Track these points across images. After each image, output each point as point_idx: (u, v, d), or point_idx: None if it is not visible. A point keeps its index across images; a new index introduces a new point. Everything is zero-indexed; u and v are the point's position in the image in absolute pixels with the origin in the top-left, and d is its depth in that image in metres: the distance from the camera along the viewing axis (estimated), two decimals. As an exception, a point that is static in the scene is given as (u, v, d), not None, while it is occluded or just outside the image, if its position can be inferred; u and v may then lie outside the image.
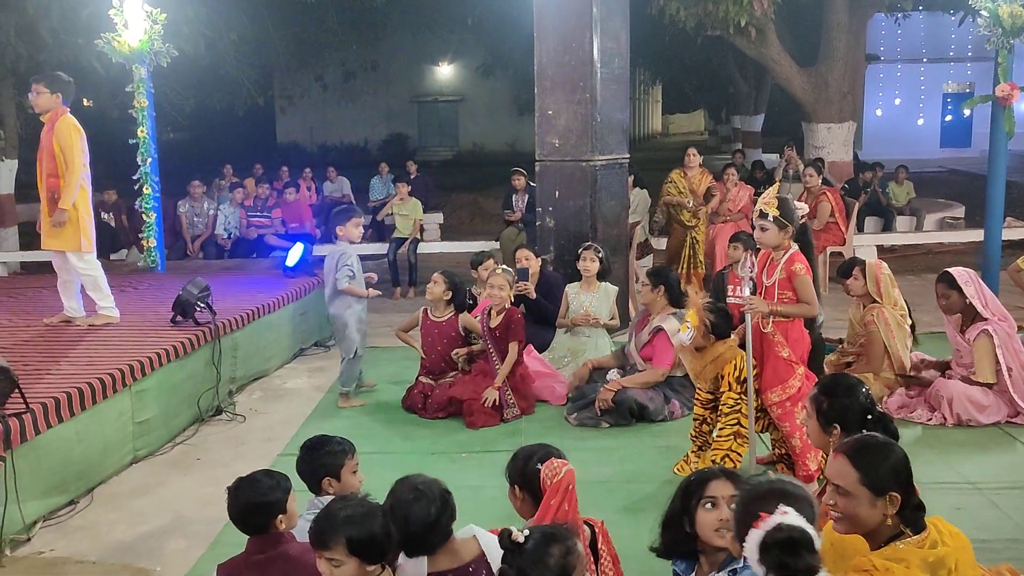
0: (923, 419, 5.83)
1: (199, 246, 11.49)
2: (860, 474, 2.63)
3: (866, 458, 2.66)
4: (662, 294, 6.00)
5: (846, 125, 13.78)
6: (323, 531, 2.72)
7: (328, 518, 2.74)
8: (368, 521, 2.72)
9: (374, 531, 2.71)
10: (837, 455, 2.74)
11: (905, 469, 2.67)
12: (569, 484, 3.01)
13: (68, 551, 4.30)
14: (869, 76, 20.40)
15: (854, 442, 2.78)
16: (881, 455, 2.68)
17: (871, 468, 2.64)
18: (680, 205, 9.64)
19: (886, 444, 2.75)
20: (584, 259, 6.85)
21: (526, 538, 2.51)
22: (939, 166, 25.67)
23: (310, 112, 32.17)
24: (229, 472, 4.77)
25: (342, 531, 2.68)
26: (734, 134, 27.62)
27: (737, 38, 12.97)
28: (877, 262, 6.32)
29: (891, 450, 2.71)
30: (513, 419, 6.07)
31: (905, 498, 2.62)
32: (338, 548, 2.68)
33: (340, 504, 2.80)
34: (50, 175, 6.28)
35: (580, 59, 7.61)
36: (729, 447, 4.77)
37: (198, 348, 6.11)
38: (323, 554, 2.72)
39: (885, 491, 2.62)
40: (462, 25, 21.15)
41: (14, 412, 4.36)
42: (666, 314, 5.97)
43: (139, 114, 8.70)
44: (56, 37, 11.60)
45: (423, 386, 6.37)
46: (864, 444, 2.75)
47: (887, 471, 2.64)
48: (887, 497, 2.61)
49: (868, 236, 11.66)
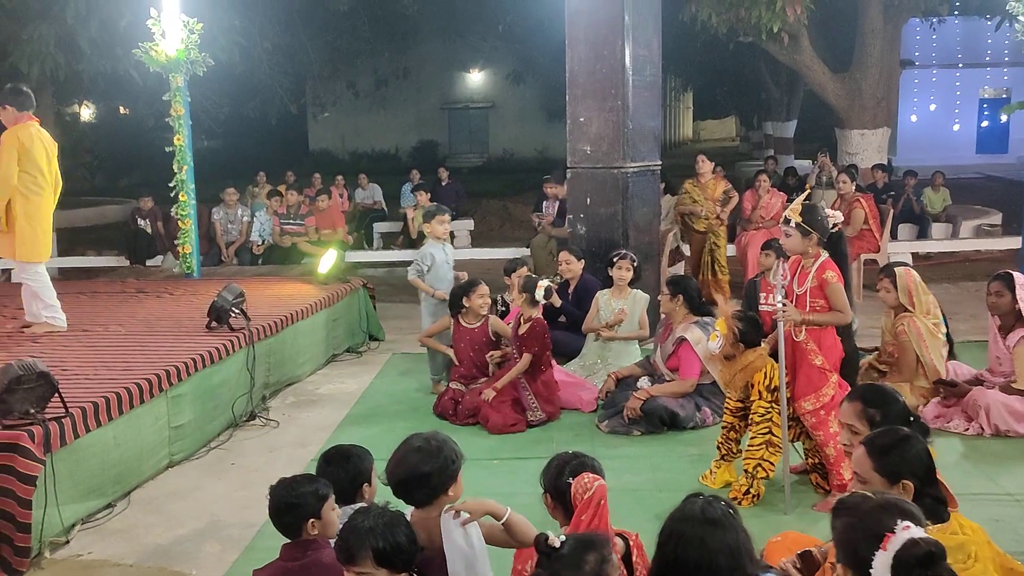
0: (960, 429, 5.75)
1: (233, 252, 11.60)
2: (873, 462, 2.76)
3: (880, 447, 2.79)
4: (681, 303, 5.97)
5: (880, 131, 13.66)
6: (348, 545, 2.72)
7: (352, 532, 2.74)
8: (392, 530, 2.73)
9: (399, 540, 2.72)
10: (858, 446, 2.87)
11: (920, 460, 2.76)
12: (600, 500, 3.00)
13: (106, 554, 4.36)
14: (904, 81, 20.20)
15: (874, 433, 2.93)
16: (895, 444, 2.80)
17: (885, 457, 2.76)
18: (693, 214, 9.68)
19: (903, 435, 2.85)
20: (619, 267, 6.85)
21: (562, 543, 2.51)
22: (975, 172, 25.32)
23: (342, 119, 32.43)
24: (263, 477, 4.83)
25: (368, 542, 2.68)
26: (766, 140, 27.44)
27: (770, 44, 12.92)
28: (906, 270, 6.23)
29: (907, 440, 2.81)
30: (538, 423, 6.08)
31: (922, 488, 2.69)
32: (366, 561, 2.68)
33: (362, 516, 2.79)
34: None
35: (612, 67, 7.61)
36: (761, 456, 4.74)
37: (233, 354, 6.17)
38: (351, 568, 2.72)
39: (898, 479, 2.72)
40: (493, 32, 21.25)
41: (54, 416, 4.43)
42: (688, 323, 5.93)
43: (176, 122, 8.81)
44: (95, 47, 11.80)
45: (454, 392, 6.40)
46: (881, 434, 2.90)
47: (900, 459, 2.75)
48: (900, 485, 2.71)
49: (903, 243, 11.54)
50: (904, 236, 12.53)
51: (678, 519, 2.56)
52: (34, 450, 4.20)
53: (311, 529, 3.10)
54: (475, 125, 35.26)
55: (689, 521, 2.52)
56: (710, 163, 10.03)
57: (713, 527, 2.50)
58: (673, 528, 2.55)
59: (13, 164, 6.21)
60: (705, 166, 9.89)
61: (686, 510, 2.57)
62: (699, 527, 2.50)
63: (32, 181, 6.31)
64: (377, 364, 7.82)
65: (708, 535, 2.48)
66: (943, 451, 4.41)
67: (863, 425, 3.39)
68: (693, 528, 2.50)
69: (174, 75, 8.72)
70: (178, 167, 8.87)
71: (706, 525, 2.50)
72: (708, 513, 2.53)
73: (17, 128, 6.28)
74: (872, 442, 2.87)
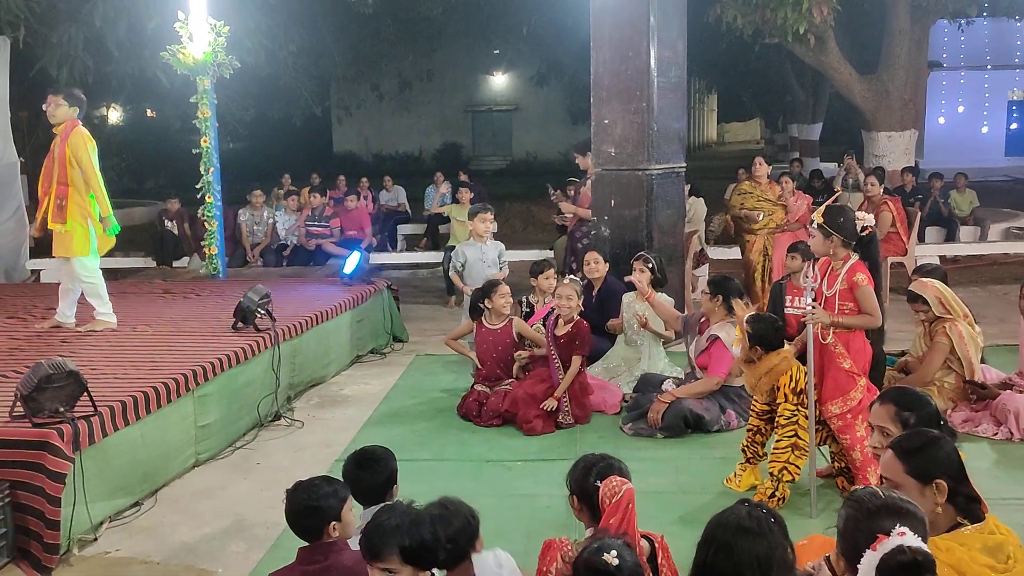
0: (988, 433, 5.68)
1: (259, 254, 11.68)
2: (904, 464, 2.74)
3: (909, 449, 2.77)
4: (720, 304, 5.94)
5: (907, 133, 13.55)
6: (374, 542, 2.73)
7: (378, 528, 2.75)
8: (417, 528, 2.74)
9: (424, 537, 2.73)
10: (887, 450, 2.85)
11: (950, 459, 2.74)
12: (628, 503, 2.99)
13: (133, 552, 4.40)
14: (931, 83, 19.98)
15: (901, 437, 2.91)
16: (924, 445, 2.78)
17: (914, 458, 2.73)
18: (748, 218, 9.13)
19: (930, 435, 2.84)
20: (634, 270, 6.82)
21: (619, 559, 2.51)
22: (1004, 175, 25.04)
23: (366, 122, 32.57)
24: (288, 477, 4.84)
25: (394, 540, 2.69)
26: (791, 143, 27.29)
27: (795, 46, 12.85)
28: (930, 283, 6.12)
29: (935, 440, 2.80)
30: (567, 425, 6.06)
31: (954, 487, 2.68)
32: (391, 557, 2.69)
33: (387, 513, 2.80)
34: (60, 183, 6.42)
35: (637, 68, 7.59)
36: (787, 459, 4.70)
37: (258, 354, 6.21)
38: (376, 565, 2.72)
39: (930, 479, 2.69)
40: (517, 35, 21.23)
41: (83, 415, 4.48)
42: (725, 323, 5.91)
43: (202, 124, 8.88)
44: (122, 49, 11.94)
45: (478, 394, 6.39)
46: (909, 436, 2.89)
47: (929, 460, 2.73)
48: (934, 485, 2.68)
49: (931, 247, 11.43)
50: (931, 239, 12.41)
51: (715, 524, 2.53)
52: (63, 448, 4.25)
53: (332, 532, 3.09)
54: (499, 128, 35.31)
55: (723, 527, 2.50)
56: (767, 166, 9.61)
57: (744, 535, 2.46)
58: (710, 532, 2.53)
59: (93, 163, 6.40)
60: (762, 169, 9.48)
61: (725, 515, 2.54)
62: (730, 534, 2.47)
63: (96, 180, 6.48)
64: (401, 365, 7.84)
65: (737, 543, 2.45)
66: (972, 456, 4.36)
67: (896, 427, 3.36)
68: (724, 534, 2.47)
69: (201, 78, 8.79)
70: (204, 169, 8.94)
71: (738, 533, 2.47)
72: (744, 522, 2.49)
73: (79, 129, 6.46)
74: (900, 445, 2.83)
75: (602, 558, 2.50)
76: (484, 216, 7.06)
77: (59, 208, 6.43)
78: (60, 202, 6.43)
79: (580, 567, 2.56)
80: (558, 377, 6.15)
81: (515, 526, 4.42)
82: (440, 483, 5.12)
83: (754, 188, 9.30)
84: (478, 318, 6.59)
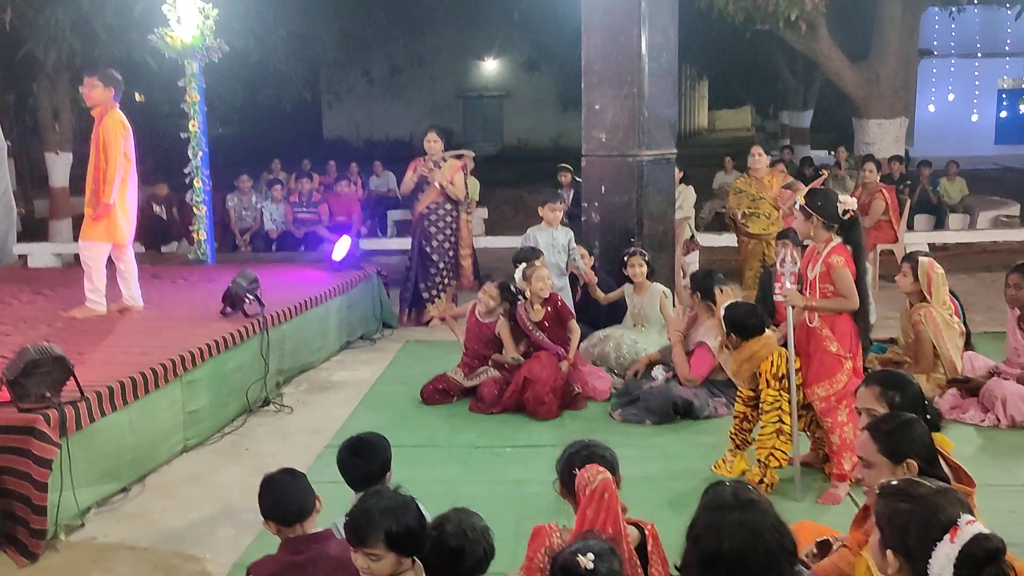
0: (976, 420, 5.72)
1: (248, 239, 11.63)
2: (877, 444, 2.87)
3: (884, 430, 2.90)
4: (700, 300, 5.98)
5: (898, 121, 13.55)
6: (360, 526, 2.71)
7: (364, 513, 2.73)
8: (404, 514, 2.72)
9: (410, 524, 2.71)
10: (862, 432, 2.99)
11: (923, 441, 2.89)
12: (604, 493, 2.95)
13: (121, 537, 4.39)
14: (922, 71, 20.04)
15: (876, 419, 3.05)
16: (899, 427, 2.91)
17: (888, 438, 2.87)
18: (735, 218, 8.60)
19: (905, 418, 2.97)
20: (632, 265, 6.83)
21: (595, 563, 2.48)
22: (994, 163, 25.10)
23: (356, 107, 32.41)
24: (277, 463, 4.79)
25: (381, 525, 2.67)
26: (782, 130, 27.24)
27: (787, 32, 12.82)
28: (930, 261, 6.20)
29: (908, 422, 2.93)
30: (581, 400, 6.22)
31: (925, 468, 2.81)
32: (377, 543, 2.68)
33: (375, 497, 2.78)
34: (96, 168, 6.41)
35: (628, 54, 7.56)
36: (772, 444, 4.72)
37: (247, 340, 6.18)
38: (361, 549, 2.70)
39: (902, 457, 2.83)
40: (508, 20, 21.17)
41: (70, 400, 4.45)
42: (711, 324, 5.88)
43: (190, 108, 8.81)
44: (110, 32, 11.82)
45: (448, 382, 6.41)
46: (883, 418, 3.04)
47: (902, 440, 2.86)
48: (905, 464, 2.82)
49: (920, 234, 11.46)
50: (921, 227, 12.45)
51: (713, 508, 2.45)
52: (50, 433, 4.22)
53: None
54: (489, 114, 35.16)
55: (725, 508, 2.42)
56: (766, 156, 8.80)
57: (753, 507, 2.41)
58: (710, 519, 2.43)
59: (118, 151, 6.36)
60: (761, 160, 8.66)
61: (718, 498, 2.47)
62: (739, 512, 2.39)
63: (128, 166, 6.48)
64: (390, 351, 7.83)
65: (750, 517, 2.38)
66: (959, 442, 4.37)
67: (882, 407, 3.39)
68: (733, 514, 2.39)
69: (189, 61, 8.71)
70: (193, 154, 8.88)
71: (746, 508, 2.40)
72: (742, 495, 2.45)
73: (116, 114, 6.41)
74: (875, 426, 2.96)
75: (576, 560, 2.47)
76: (553, 205, 7.25)
77: (95, 194, 6.41)
78: (96, 187, 6.41)
79: (556, 567, 2.54)
80: (559, 350, 6.22)
81: (504, 512, 4.41)
82: (430, 469, 5.13)
83: (749, 185, 8.61)
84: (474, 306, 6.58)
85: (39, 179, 16.03)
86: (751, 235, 8.53)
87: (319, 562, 2.99)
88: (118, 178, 6.38)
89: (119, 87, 6.53)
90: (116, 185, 6.38)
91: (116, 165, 6.34)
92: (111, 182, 6.35)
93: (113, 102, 6.46)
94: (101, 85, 6.41)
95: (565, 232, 7.29)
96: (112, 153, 6.32)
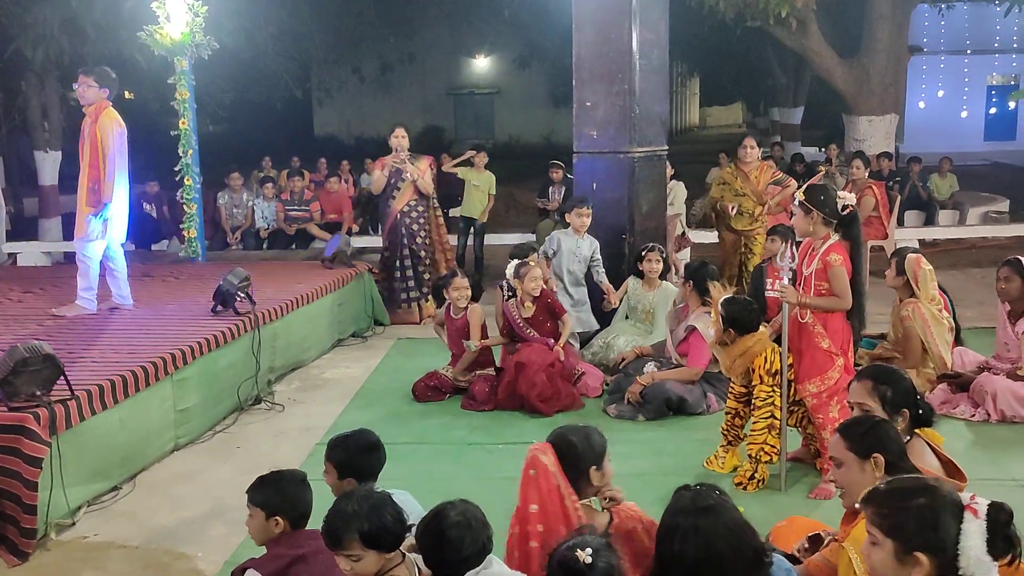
0: (966, 415, 5.74)
1: (239, 237, 11.60)
2: (846, 441, 2.99)
3: (854, 431, 3.02)
4: (692, 289, 5.98)
5: (888, 117, 13.60)
6: (334, 530, 2.72)
7: (337, 516, 2.74)
8: (377, 512, 2.73)
9: (385, 521, 2.72)
10: (833, 432, 3.11)
11: (891, 439, 2.99)
12: (531, 469, 3.03)
13: (111, 536, 4.37)
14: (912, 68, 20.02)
15: (847, 421, 3.20)
16: (870, 428, 3.02)
17: (854, 434, 2.99)
18: (724, 212, 8.25)
19: (875, 419, 3.10)
20: (649, 260, 6.83)
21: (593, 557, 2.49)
22: (983, 159, 25.21)
23: (347, 105, 32.35)
24: (268, 460, 4.83)
25: (353, 526, 2.69)
26: (772, 127, 27.31)
27: (777, 29, 12.85)
28: (917, 257, 6.22)
29: (879, 424, 3.05)
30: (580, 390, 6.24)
31: (893, 462, 2.92)
32: (353, 544, 2.69)
33: (346, 500, 2.79)
34: (91, 166, 6.38)
35: (619, 50, 7.55)
36: (764, 440, 4.73)
37: (238, 338, 6.17)
38: (340, 552, 2.72)
39: (870, 453, 2.93)
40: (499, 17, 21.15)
41: (60, 398, 4.43)
42: (701, 311, 5.92)
43: (181, 106, 8.78)
44: (99, 30, 11.78)
45: (440, 379, 6.42)
46: (854, 420, 3.17)
47: (870, 438, 2.97)
48: (872, 459, 2.92)
49: (910, 230, 11.49)
50: (911, 223, 12.49)
51: (672, 513, 2.57)
52: (40, 432, 4.20)
53: None
54: (481, 111, 35.12)
55: (682, 513, 2.53)
56: (758, 149, 8.38)
57: (706, 514, 2.50)
58: (668, 523, 2.55)
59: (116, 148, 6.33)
60: (752, 153, 8.23)
61: (678, 504, 2.58)
62: (692, 517, 2.50)
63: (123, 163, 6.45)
64: (382, 349, 7.82)
65: (702, 523, 2.48)
66: (950, 437, 4.38)
67: (874, 402, 3.40)
68: (687, 519, 2.51)
69: (179, 58, 8.68)
70: (183, 151, 8.85)
71: (699, 514, 2.50)
72: (699, 502, 2.54)
73: (111, 112, 6.39)
74: (844, 426, 3.09)
75: (575, 555, 2.47)
76: (580, 211, 7.02)
77: (91, 192, 6.37)
78: (92, 186, 6.37)
79: (553, 563, 2.54)
80: (548, 341, 6.28)
81: (496, 508, 4.38)
82: (422, 465, 5.13)
83: (735, 178, 8.29)
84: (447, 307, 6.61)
85: (28, 178, 15.95)
86: (733, 230, 8.28)
87: (320, 555, 3.01)
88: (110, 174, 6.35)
89: (114, 86, 6.50)
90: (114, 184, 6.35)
91: (114, 164, 6.31)
92: (111, 182, 6.31)
93: (107, 101, 6.43)
94: (96, 85, 6.38)
95: (590, 242, 7.10)
96: (110, 152, 6.29)
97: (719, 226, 8.50)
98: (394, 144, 8.55)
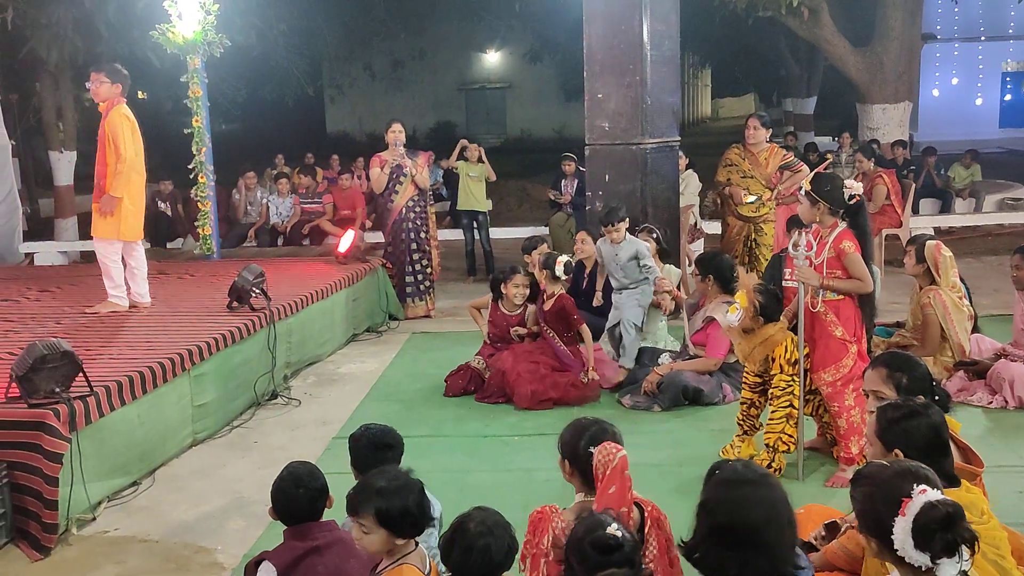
0: (983, 402, 5.71)
1: (253, 234, 11.65)
2: (877, 426, 2.92)
3: (888, 417, 2.91)
4: (712, 283, 5.92)
5: (901, 105, 13.51)
6: (356, 498, 2.80)
7: (363, 486, 2.82)
8: (401, 495, 2.75)
9: (406, 505, 2.74)
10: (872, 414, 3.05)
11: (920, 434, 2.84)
12: (624, 470, 2.97)
13: (132, 530, 4.41)
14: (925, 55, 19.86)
15: (889, 402, 3.06)
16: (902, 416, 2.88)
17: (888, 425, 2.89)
18: (733, 196, 7.88)
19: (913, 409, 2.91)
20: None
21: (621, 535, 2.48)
22: (998, 147, 24.99)
23: (359, 101, 32.38)
24: (285, 455, 4.87)
25: (373, 501, 2.73)
26: (785, 117, 27.19)
27: (789, 19, 12.78)
28: (937, 244, 6.18)
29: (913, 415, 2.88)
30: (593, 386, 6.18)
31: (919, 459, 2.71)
32: (367, 516, 2.73)
33: (377, 475, 2.85)
34: (100, 163, 6.41)
35: (629, 42, 7.55)
36: (782, 429, 4.72)
37: (254, 333, 6.20)
38: (353, 518, 2.80)
39: (892, 448, 2.84)
40: (509, 11, 21.08)
41: (79, 395, 4.47)
42: (719, 302, 5.88)
43: (193, 104, 8.82)
44: (112, 29, 11.84)
45: (472, 370, 6.40)
46: (894, 405, 3.00)
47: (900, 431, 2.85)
48: (893, 453, 2.82)
49: (925, 218, 11.43)
50: (926, 211, 12.41)
51: (725, 484, 2.45)
52: (60, 428, 4.24)
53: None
54: (492, 105, 35.12)
55: (741, 483, 2.42)
56: (765, 130, 7.89)
57: (768, 481, 2.44)
58: (726, 494, 2.42)
59: (131, 144, 6.35)
60: (758, 133, 7.79)
61: (728, 474, 2.48)
62: (755, 486, 2.40)
63: (138, 161, 6.47)
64: (397, 343, 7.84)
65: (766, 491, 2.39)
66: (967, 424, 4.37)
67: (889, 389, 3.39)
68: (749, 488, 2.40)
69: (191, 57, 8.72)
70: (196, 149, 8.88)
71: (762, 482, 2.42)
72: (754, 468, 2.49)
73: (122, 109, 6.40)
74: (883, 409, 2.97)
75: (606, 533, 2.45)
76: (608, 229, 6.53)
77: (99, 188, 6.40)
78: (101, 183, 6.40)
79: (582, 544, 2.48)
80: (556, 346, 6.24)
81: (513, 500, 4.42)
82: (437, 459, 5.14)
83: (742, 159, 7.88)
84: (496, 300, 6.60)
85: (44, 178, 16.05)
86: (740, 217, 7.93)
87: (333, 546, 3.05)
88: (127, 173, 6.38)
89: (126, 83, 6.52)
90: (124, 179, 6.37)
91: (125, 159, 6.33)
92: (119, 175, 6.34)
93: (120, 98, 6.46)
94: (108, 81, 6.41)
95: (629, 246, 6.48)
96: (122, 147, 6.31)
97: (724, 212, 8.17)
98: (391, 140, 8.55)
